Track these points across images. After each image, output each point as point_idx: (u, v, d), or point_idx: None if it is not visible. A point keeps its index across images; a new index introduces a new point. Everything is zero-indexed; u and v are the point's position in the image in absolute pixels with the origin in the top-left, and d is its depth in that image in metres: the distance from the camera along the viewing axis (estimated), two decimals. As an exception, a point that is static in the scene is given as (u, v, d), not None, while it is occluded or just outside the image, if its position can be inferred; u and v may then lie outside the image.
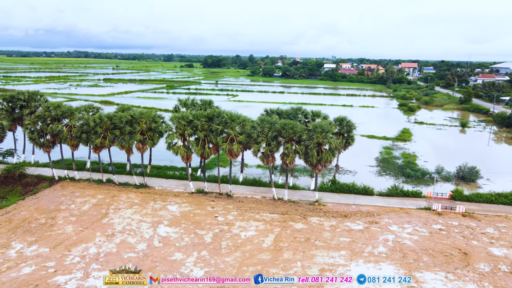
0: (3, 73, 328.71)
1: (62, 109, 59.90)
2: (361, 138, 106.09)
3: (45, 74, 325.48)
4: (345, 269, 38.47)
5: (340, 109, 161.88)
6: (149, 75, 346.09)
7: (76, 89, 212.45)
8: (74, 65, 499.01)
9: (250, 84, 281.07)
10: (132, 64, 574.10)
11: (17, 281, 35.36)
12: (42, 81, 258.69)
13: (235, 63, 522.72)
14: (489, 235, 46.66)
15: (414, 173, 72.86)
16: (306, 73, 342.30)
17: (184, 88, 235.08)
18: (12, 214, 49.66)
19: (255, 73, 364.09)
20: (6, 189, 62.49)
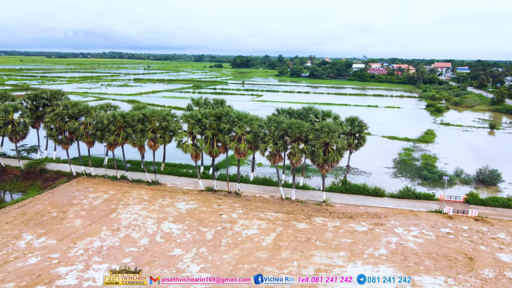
0: (41, 73, 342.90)
1: (78, 108, 62.10)
2: (381, 139, 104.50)
3: (79, 74, 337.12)
4: (341, 270, 38.08)
5: (365, 110, 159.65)
6: (178, 75, 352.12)
7: (106, 89, 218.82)
8: (107, 65, 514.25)
9: (276, 84, 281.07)
10: (163, 64, 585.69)
11: (22, 270, 37.07)
12: (76, 81, 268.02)
13: (264, 63, 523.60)
14: (500, 240, 44.92)
15: (431, 175, 70.93)
16: (334, 73, 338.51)
17: (210, 88, 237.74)
18: (27, 207, 51.99)
19: (283, 73, 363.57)
20: (28, 183, 65.37)
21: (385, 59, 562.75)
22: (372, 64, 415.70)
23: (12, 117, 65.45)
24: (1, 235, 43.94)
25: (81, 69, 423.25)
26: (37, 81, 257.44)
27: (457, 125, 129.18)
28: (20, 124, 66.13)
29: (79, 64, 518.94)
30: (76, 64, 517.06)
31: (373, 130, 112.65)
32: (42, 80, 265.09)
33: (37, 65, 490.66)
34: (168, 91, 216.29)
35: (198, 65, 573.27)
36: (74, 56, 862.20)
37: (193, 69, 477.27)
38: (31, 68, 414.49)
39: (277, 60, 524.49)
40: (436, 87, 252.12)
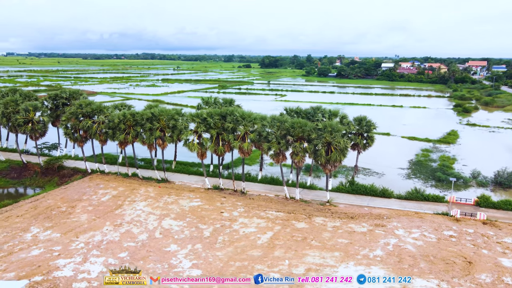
0: (75, 74, 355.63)
1: (92, 107, 64.34)
2: (401, 140, 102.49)
3: (110, 75, 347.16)
4: (332, 270, 37.84)
5: (389, 110, 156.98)
6: (206, 75, 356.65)
7: (134, 89, 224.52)
8: (139, 66, 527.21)
9: (302, 84, 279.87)
10: (193, 64, 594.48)
11: (24, 261, 38.95)
12: (107, 82, 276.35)
13: (293, 63, 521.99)
14: (505, 245, 43.30)
15: (445, 177, 68.97)
16: (362, 73, 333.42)
17: (235, 88, 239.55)
18: (39, 202, 54.41)
19: (310, 73, 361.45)
20: (46, 179, 68.29)
21: (417, 58, 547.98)
22: (402, 63, 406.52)
23: (32, 116, 68.50)
24: (10, 228, 46.24)
25: (113, 70, 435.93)
26: (70, 82, 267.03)
27: (484, 125, 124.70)
28: (40, 122, 69.12)
29: (112, 65, 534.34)
30: (109, 65, 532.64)
31: (393, 131, 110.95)
32: (75, 81, 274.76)
33: (73, 66, 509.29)
34: (193, 91, 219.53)
35: (227, 65, 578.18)
36: (108, 57, 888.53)
37: (221, 69, 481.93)
38: (67, 69, 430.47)
39: (306, 60, 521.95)
40: (468, 87, 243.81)
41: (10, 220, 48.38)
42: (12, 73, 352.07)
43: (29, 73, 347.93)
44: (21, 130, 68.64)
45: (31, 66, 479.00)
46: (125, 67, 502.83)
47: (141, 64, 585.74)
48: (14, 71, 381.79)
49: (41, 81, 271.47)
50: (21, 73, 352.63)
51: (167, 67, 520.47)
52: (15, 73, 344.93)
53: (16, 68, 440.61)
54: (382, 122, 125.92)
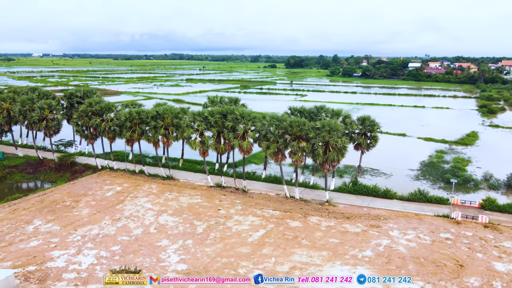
0: (103, 74, 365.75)
1: (100, 105, 66.34)
2: (416, 141, 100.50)
3: (137, 75, 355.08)
4: (317, 269, 37.77)
5: (410, 110, 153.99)
6: (230, 75, 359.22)
7: (157, 89, 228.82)
8: (166, 66, 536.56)
9: (325, 84, 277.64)
10: (219, 65, 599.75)
11: (22, 251, 40.79)
12: (132, 81, 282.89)
13: (318, 63, 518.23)
14: (503, 249, 41.96)
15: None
16: (388, 73, 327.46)
17: (257, 88, 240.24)
18: (46, 196, 56.68)
19: (335, 73, 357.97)
20: (58, 175, 70.91)
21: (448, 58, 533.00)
22: (431, 63, 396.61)
23: (47, 114, 71.25)
24: (15, 220, 48.44)
25: (140, 70, 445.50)
26: (98, 82, 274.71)
27: (508, 127, 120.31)
28: (54, 120, 71.80)
29: (140, 66, 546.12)
30: (138, 66, 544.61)
31: (410, 131, 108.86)
32: (102, 81, 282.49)
33: (103, 66, 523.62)
34: (215, 90, 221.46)
35: (253, 66, 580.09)
36: (138, 58, 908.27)
37: (247, 69, 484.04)
38: (96, 69, 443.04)
39: (332, 60, 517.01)
40: (498, 87, 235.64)
41: (16, 213, 50.68)
42: (45, 73, 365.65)
43: (60, 73, 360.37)
44: (36, 127, 71.59)
45: (63, 67, 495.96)
46: (153, 67, 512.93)
47: (169, 65, 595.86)
48: (47, 71, 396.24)
49: (71, 81, 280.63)
50: (53, 73, 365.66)
51: (194, 67, 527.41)
52: (47, 73, 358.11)
53: (49, 68, 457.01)
54: (400, 122, 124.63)
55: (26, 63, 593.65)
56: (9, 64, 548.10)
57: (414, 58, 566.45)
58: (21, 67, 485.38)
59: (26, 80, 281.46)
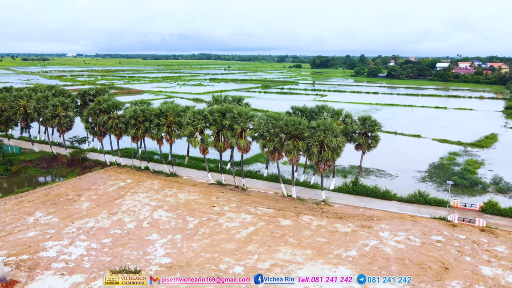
0: (130, 73, 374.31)
1: (108, 103, 68.41)
2: (430, 142, 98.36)
3: (162, 74, 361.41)
4: (297, 267, 37.92)
5: (430, 111, 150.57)
6: (254, 75, 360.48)
7: (180, 88, 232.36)
8: (192, 66, 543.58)
9: (348, 85, 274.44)
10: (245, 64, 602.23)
11: (19, 241, 42.82)
12: (157, 81, 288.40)
13: (345, 63, 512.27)
14: (494, 253, 40.82)
15: (461, 181, 65.60)
16: (414, 73, 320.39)
17: (278, 87, 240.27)
18: (52, 190, 59.06)
19: (359, 73, 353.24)
20: (69, 169, 73.59)
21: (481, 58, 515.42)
22: (461, 63, 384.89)
23: (59, 111, 74.02)
24: (19, 211, 50.79)
25: (167, 70, 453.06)
26: (124, 81, 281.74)
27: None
28: (66, 117, 74.54)
29: (167, 66, 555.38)
30: (165, 66, 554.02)
31: (425, 133, 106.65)
32: (128, 80, 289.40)
33: (132, 66, 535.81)
34: (235, 90, 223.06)
35: (278, 66, 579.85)
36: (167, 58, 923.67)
37: (272, 69, 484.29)
38: (125, 69, 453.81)
39: (359, 60, 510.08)
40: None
41: (21, 205, 53.09)
42: (75, 72, 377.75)
43: (90, 73, 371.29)
44: (49, 124, 74.52)
45: (94, 66, 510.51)
46: (179, 67, 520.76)
47: (195, 64, 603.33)
48: (78, 71, 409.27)
49: (98, 80, 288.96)
50: (83, 72, 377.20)
51: (219, 67, 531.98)
52: (78, 73, 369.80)
53: (80, 68, 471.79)
54: (418, 124, 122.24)
55: (60, 63, 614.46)
56: (44, 64, 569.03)
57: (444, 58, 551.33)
58: (55, 66, 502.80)
59: (57, 79, 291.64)
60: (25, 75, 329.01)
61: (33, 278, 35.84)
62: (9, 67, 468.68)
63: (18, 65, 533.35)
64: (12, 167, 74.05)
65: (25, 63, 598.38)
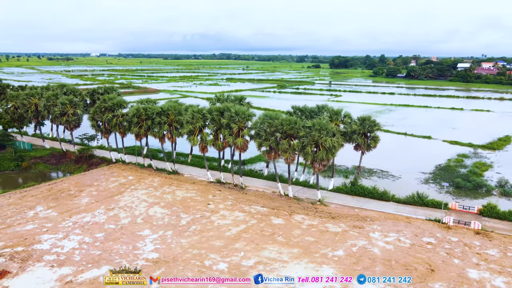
0: (149, 73, 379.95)
1: (113, 101, 69.89)
2: (440, 143, 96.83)
3: (180, 74, 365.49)
4: (281, 265, 38.14)
5: (445, 112, 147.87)
6: (271, 75, 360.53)
7: (196, 87, 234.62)
8: (211, 66, 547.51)
9: (365, 85, 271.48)
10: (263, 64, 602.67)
11: (16, 233, 44.39)
12: (174, 80, 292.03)
13: (364, 63, 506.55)
14: (485, 256, 40.06)
15: (464, 183, 64.40)
16: (435, 73, 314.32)
17: (294, 87, 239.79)
18: (55, 185, 60.84)
19: (378, 73, 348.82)
20: (77, 166, 75.53)
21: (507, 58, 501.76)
22: (484, 63, 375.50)
23: (68, 109, 76.07)
24: (21, 205, 52.59)
25: (186, 69, 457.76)
26: (142, 80, 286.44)
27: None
28: (74, 115, 76.51)
29: (186, 65, 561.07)
30: (185, 65, 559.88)
31: (436, 134, 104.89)
32: (146, 79, 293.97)
33: (152, 66, 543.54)
34: (251, 90, 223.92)
35: (297, 66, 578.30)
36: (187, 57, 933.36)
37: (290, 69, 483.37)
38: (144, 68, 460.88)
39: (379, 60, 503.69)
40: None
41: (24, 199, 54.93)
42: (96, 72, 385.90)
43: (110, 72, 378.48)
44: (58, 121, 76.70)
45: (115, 66, 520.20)
46: (198, 66, 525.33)
47: (214, 64, 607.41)
48: (99, 70, 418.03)
49: (118, 79, 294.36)
50: (104, 72, 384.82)
51: (238, 67, 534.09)
52: (98, 72, 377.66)
53: (102, 67, 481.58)
54: (430, 125, 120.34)
55: (83, 63, 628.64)
56: (68, 63, 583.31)
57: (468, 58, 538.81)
58: (78, 66, 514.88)
59: (78, 78, 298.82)
60: (48, 74, 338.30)
61: (24, 269, 37.17)
62: (34, 66, 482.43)
63: (43, 64, 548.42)
64: (22, 163, 76.48)
65: (50, 62, 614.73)
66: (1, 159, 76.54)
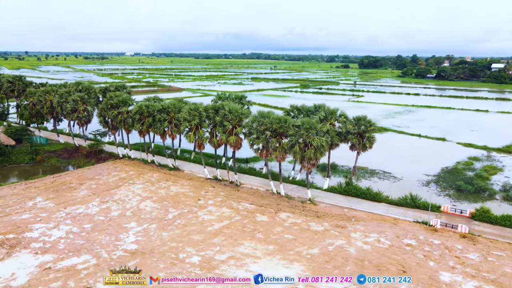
0: (177, 72, 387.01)
1: (119, 98, 72.30)
2: (454, 146, 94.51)
3: (207, 73, 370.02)
4: (252, 260, 38.72)
5: (468, 114, 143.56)
6: (298, 75, 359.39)
7: (219, 87, 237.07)
8: (239, 65, 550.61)
9: (391, 85, 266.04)
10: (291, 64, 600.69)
11: (12, 222, 47.01)
12: (200, 79, 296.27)
13: (395, 63, 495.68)
14: (463, 260, 39.16)
15: (466, 186, 62.69)
16: (466, 74, 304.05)
17: (316, 87, 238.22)
18: (59, 178, 63.69)
19: (407, 74, 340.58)
20: (86, 160, 78.56)
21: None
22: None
23: (79, 106, 79.27)
24: (22, 195, 55.51)
25: (214, 68, 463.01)
26: (168, 79, 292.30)
27: None
28: (85, 111, 79.64)
29: (215, 65, 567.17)
30: (214, 64, 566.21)
31: (452, 136, 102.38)
32: (172, 78, 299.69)
33: (181, 65, 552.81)
34: (273, 89, 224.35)
35: (325, 66, 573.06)
36: (218, 57, 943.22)
37: (318, 69, 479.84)
38: (173, 68, 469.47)
39: (410, 60, 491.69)
40: None
41: (28, 190, 57.91)
42: (127, 70, 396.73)
43: (140, 71, 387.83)
44: (70, 117, 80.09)
45: (146, 65, 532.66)
46: (227, 66, 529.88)
47: (243, 64, 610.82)
48: (130, 69, 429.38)
49: (146, 77, 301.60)
50: (134, 70, 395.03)
51: (266, 66, 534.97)
52: (129, 71, 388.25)
53: (133, 66, 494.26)
54: (448, 126, 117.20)
55: (117, 62, 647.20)
56: (102, 62, 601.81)
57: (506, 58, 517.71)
58: (111, 65, 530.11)
59: (108, 76, 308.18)
60: (81, 73, 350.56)
61: (10, 255, 39.46)
62: (70, 65, 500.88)
63: (79, 63, 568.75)
64: (37, 157, 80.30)
65: (85, 61, 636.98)
66: (18, 152, 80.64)
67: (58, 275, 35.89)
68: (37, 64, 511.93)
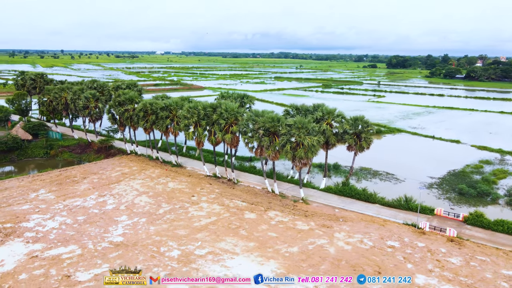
0: (203, 70, 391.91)
1: (125, 96, 74.44)
2: (468, 148, 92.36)
3: (231, 72, 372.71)
4: (230, 256, 39.39)
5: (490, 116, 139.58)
6: (322, 75, 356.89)
7: (241, 85, 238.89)
8: (265, 64, 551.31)
9: (416, 86, 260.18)
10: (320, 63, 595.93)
11: (12, 212, 49.53)
12: (223, 78, 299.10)
13: (425, 63, 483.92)
14: (443, 263, 38.51)
15: (468, 190, 61.17)
16: (498, 74, 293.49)
17: (338, 87, 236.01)
18: (66, 172, 66.33)
19: (435, 74, 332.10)
20: (96, 156, 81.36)
21: None
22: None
23: (91, 103, 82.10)
24: (27, 187, 58.25)
25: (240, 67, 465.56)
26: (192, 77, 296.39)
27: None
28: (96, 108, 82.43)
29: (242, 63, 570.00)
30: (240, 63, 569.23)
31: (467, 138, 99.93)
32: (197, 77, 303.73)
33: (208, 64, 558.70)
34: (293, 89, 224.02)
35: (352, 65, 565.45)
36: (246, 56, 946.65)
37: (344, 69, 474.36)
38: (200, 66, 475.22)
39: (441, 60, 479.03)
40: None
41: (33, 183, 60.69)
42: (154, 69, 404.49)
43: (166, 70, 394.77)
44: (82, 114, 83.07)
45: (174, 64, 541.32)
46: (253, 65, 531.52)
47: (270, 63, 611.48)
48: (157, 67, 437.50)
49: (171, 76, 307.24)
50: (161, 69, 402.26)
51: (292, 65, 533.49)
52: (156, 69, 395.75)
53: (161, 65, 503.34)
54: (465, 128, 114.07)
55: (147, 60, 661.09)
56: (132, 61, 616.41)
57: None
58: (139, 63, 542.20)
59: (134, 74, 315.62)
60: (110, 71, 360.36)
61: (3, 243, 41.69)
62: (101, 63, 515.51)
63: (110, 61, 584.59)
64: (51, 151, 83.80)
65: (116, 60, 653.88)
66: (34, 146, 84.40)
67: (42, 263, 37.72)
68: (70, 62, 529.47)
